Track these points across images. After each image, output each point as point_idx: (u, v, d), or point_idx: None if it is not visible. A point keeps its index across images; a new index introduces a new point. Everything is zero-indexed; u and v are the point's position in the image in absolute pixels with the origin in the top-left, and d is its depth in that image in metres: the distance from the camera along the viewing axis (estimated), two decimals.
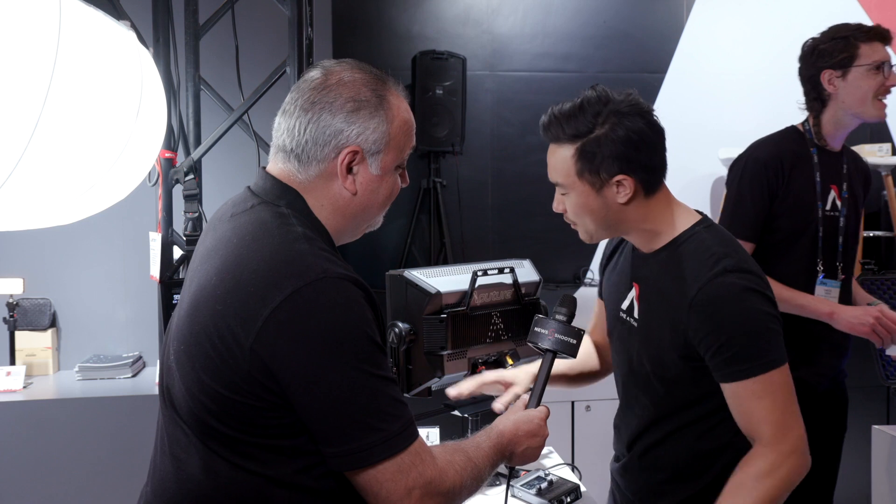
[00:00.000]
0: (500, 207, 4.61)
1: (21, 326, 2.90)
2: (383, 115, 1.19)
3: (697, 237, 1.44)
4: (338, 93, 1.17)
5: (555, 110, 1.43)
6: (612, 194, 1.41)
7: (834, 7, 4.86)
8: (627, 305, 1.54)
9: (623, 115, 1.38)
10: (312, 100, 1.17)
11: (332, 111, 1.16)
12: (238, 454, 1.08)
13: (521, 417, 1.33)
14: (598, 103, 1.39)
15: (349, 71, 1.20)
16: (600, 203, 1.42)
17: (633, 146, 1.38)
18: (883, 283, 2.66)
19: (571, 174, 1.41)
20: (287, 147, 1.18)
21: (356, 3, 4.45)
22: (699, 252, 1.40)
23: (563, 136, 1.41)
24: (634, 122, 1.38)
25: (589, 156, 1.38)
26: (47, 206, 1.56)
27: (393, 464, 1.06)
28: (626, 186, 1.39)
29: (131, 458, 2.43)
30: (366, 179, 1.19)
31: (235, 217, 1.17)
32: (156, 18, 2.66)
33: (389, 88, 1.22)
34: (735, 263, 1.36)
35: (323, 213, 1.19)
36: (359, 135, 1.17)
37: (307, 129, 1.16)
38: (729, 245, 1.42)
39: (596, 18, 4.74)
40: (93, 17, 1.50)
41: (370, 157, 1.19)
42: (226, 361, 1.05)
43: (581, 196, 1.42)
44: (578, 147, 1.39)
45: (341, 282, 1.07)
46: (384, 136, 1.19)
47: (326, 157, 1.17)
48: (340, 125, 1.16)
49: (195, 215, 2.64)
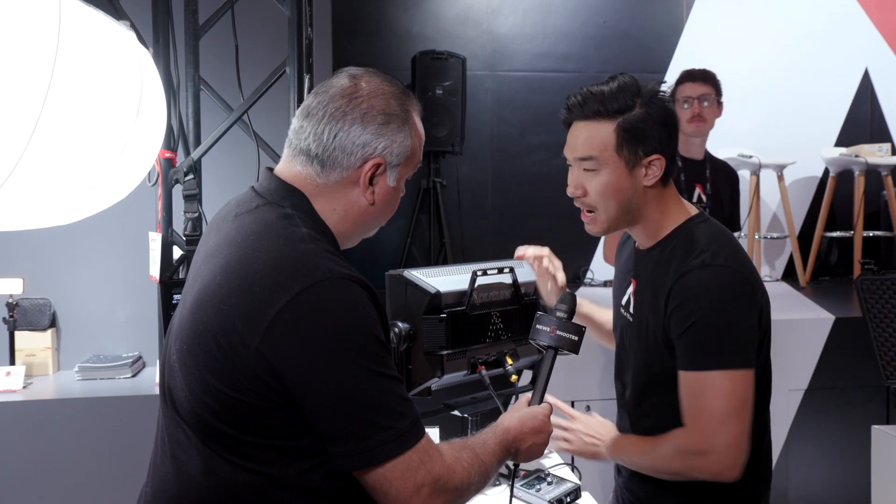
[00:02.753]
0: (499, 207, 4.61)
1: (21, 326, 2.90)
2: (408, 130, 1.21)
3: (688, 231, 1.47)
4: (370, 104, 1.18)
5: (591, 89, 1.45)
6: (641, 176, 1.44)
7: (834, 7, 4.87)
8: (626, 300, 1.57)
9: (659, 99, 1.44)
10: (344, 109, 1.17)
11: (363, 123, 1.17)
12: (240, 455, 1.08)
13: (526, 414, 1.33)
14: (635, 85, 1.43)
15: (378, 82, 1.21)
16: (629, 184, 1.44)
17: (668, 128, 1.44)
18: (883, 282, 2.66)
19: (610, 149, 1.43)
20: (312, 152, 1.18)
21: (356, 3, 4.45)
22: (687, 245, 1.44)
23: (603, 112, 1.43)
24: (669, 107, 1.45)
25: (631, 132, 1.42)
26: (47, 206, 1.56)
27: (401, 461, 1.06)
28: (657, 168, 1.44)
29: (131, 458, 2.43)
30: (383, 190, 1.21)
31: (240, 217, 1.18)
32: (156, 18, 2.66)
33: (412, 103, 1.24)
34: (714, 258, 1.39)
35: (333, 217, 1.20)
36: (385, 147, 1.18)
37: (337, 137, 1.17)
38: (716, 241, 1.44)
39: (596, 18, 4.74)
40: (93, 17, 1.50)
41: (391, 169, 1.21)
42: (231, 361, 1.05)
43: (614, 174, 1.44)
44: (620, 122, 1.42)
45: (346, 282, 1.07)
46: (406, 150, 1.21)
47: (351, 165, 1.18)
48: (370, 137, 1.17)
49: (195, 215, 2.64)
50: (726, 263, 1.39)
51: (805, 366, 3.28)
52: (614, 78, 1.44)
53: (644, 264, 1.52)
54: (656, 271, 1.47)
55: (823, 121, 4.99)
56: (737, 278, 1.38)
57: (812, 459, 3.36)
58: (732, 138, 4.71)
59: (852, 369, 3.31)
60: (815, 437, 3.35)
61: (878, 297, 2.65)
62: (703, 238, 1.44)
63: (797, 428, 3.32)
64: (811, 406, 3.32)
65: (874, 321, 2.63)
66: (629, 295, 1.55)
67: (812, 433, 3.34)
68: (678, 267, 1.41)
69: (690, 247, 1.42)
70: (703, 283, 1.37)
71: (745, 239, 4.40)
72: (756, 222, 4.58)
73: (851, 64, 4.98)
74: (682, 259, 1.41)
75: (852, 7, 4.91)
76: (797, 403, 3.30)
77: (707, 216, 1.52)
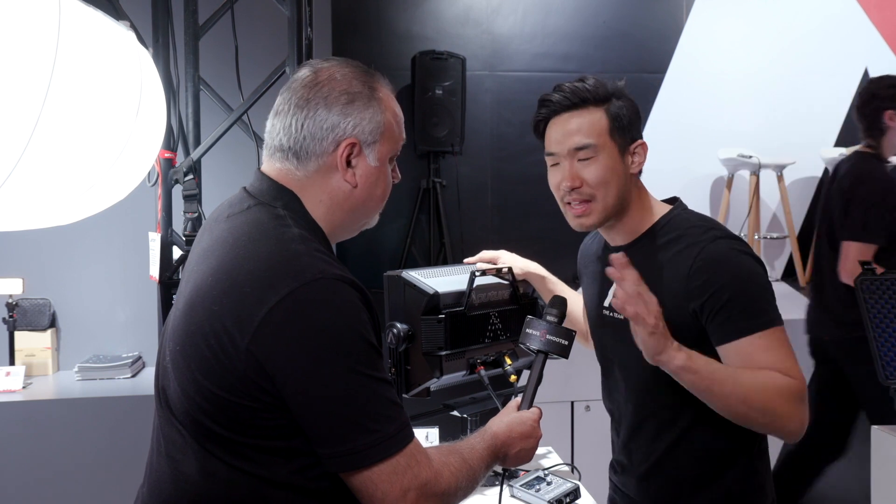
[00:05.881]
0: (499, 207, 4.61)
1: (21, 326, 2.90)
2: (377, 106, 1.21)
3: (677, 218, 1.49)
4: (330, 87, 1.18)
5: (573, 83, 1.49)
6: (628, 163, 1.48)
7: (834, 8, 4.86)
8: (609, 302, 1.52)
9: (627, 94, 1.51)
10: (306, 97, 1.18)
11: (327, 105, 1.17)
12: (234, 455, 1.08)
13: (514, 419, 1.32)
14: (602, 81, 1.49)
15: (338, 67, 1.22)
16: (623, 170, 1.48)
17: (639, 118, 1.51)
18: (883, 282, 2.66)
19: (604, 133, 1.46)
20: (284, 146, 1.19)
21: (356, 3, 4.45)
22: (685, 229, 1.45)
23: (591, 100, 1.47)
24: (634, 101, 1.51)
25: (617, 119, 1.47)
26: (47, 206, 1.56)
27: (388, 465, 1.06)
28: (641, 154, 1.49)
29: (130, 458, 2.42)
30: (365, 171, 1.21)
31: (232, 218, 1.18)
32: (155, 19, 2.66)
33: (378, 81, 1.24)
34: (723, 231, 1.43)
35: (320, 210, 1.20)
36: (355, 126, 1.18)
37: (304, 126, 1.17)
38: (711, 220, 1.49)
39: (596, 18, 4.74)
40: (92, 17, 1.50)
41: (367, 147, 1.20)
42: (221, 362, 1.05)
43: (610, 159, 1.47)
44: (608, 107, 1.47)
45: (337, 283, 1.07)
46: (379, 125, 1.20)
47: (325, 151, 1.18)
48: (336, 118, 1.17)
49: (194, 215, 2.64)
50: (735, 235, 1.44)
51: (805, 366, 3.27)
52: (582, 79, 1.49)
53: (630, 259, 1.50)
54: (650, 262, 1.44)
55: (823, 121, 4.99)
56: (748, 246, 1.43)
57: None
58: (732, 138, 4.72)
59: None
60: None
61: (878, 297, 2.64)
62: (699, 219, 1.48)
63: None
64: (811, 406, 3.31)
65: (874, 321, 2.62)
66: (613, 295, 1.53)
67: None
68: (690, 246, 1.41)
69: (692, 227, 1.45)
70: (726, 254, 1.39)
71: (745, 239, 4.40)
72: (756, 222, 4.58)
73: (851, 64, 4.97)
74: (689, 240, 1.42)
75: (852, 7, 4.91)
76: None
77: (684, 205, 1.55)
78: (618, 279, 1.29)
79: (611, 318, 1.56)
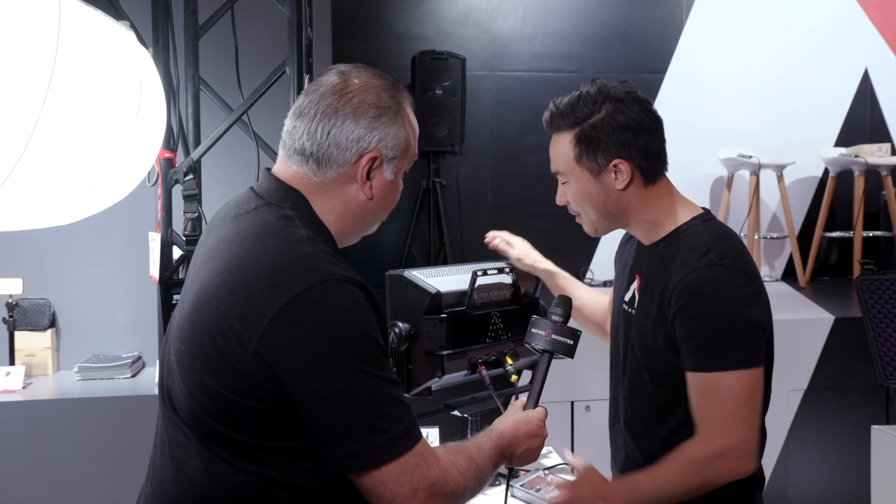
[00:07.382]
0: (499, 207, 4.62)
1: (21, 326, 2.90)
2: (401, 122, 1.21)
3: (694, 230, 1.46)
4: (361, 99, 1.18)
5: (556, 102, 1.48)
6: (611, 181, 1.45)
7: (834, 7, 4.87)
8: (630, 297, 1.56)
9: (620, 102, 1.43)
10: (335, 105, 1.17)
11: (355, 117, 1.17)
12: (238, 456, 1.08)
13: (521, 419, 1.33)
14: (597, 93, 1.44)
15: (368, 77, 1.21)
16: (599, 189, 1.46)
17: (631, 131, 1.42)
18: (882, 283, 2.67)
19: (570, 160, 1.46)
20: (307, 151, 1.18)
21: (356, 3, 4.45)
22: (692, 243, 1.43)
23: (563, 125, 1.46)
24: (631, 109, 1.43)
25: (587, 141, 1.44)
26: (47, 206, 1.56)
27: (397, 465, 1.06)
28: (624, 172, 1.44)
29: (131, 459, 2.43)
30: (381, 184, 1.21)
31: (239, 218, 1.17)
32: (155, 19, 2.66)
33: (403, 95, 1.24)
34: (721, 257, 1.38)
35: (331, 216, 1.19)
36: (380, 141, 1.18)
37: (330, 133, 1.17)
38: (722, 240, 1.43)
39: (596, 18, 4.74)
40: (92, 17, 1.50)
41: (387, 162, 1.20)
42: (228, 362, 1.05)
43: (580, 182, 1.47)
44: (577, 133, 1.44)
45: (345, 284, 1.07)
46: (401, 142, 1.21)
47: (347, 161, 1.17)
48: (363, 131, 1.17)
49: (194, 215, 2.64)
50: (733, 263, 1.38)
51: (805, 366, 3.28)
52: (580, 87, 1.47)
53: (647, 260, 1.52)
54: (660, 267, 1.46)
55: (823, 121, 5.00)
56: (743, 279, 1.38)
57: (811, 459, 3.36)
58: (732, 138, 4.72)
59: (852, 369, 3.31)
60: (814, 437, 3.35)
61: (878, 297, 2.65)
62: (709, 237, 1.43)
63: (797, 428, 3.32)
64: (811, 406, 3.32)
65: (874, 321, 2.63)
66: (633, 291, 1.54)
67: (812, 433, 3.34)
68: (683, 266, 1.40)
69: (696, 246, 1.42)
70: (709, 282, 1.36)
71: (745, 239, 4.40)
72: (756, 222, 4.58)
73: (851, 64, 4.98)
74: (686, 258, 1.41)
75: (852, 7, 4.91)
76: (797, 403, 3.31)
77: (712, 215, 1.52)
78: None
79: (627, 311, 1.57)
